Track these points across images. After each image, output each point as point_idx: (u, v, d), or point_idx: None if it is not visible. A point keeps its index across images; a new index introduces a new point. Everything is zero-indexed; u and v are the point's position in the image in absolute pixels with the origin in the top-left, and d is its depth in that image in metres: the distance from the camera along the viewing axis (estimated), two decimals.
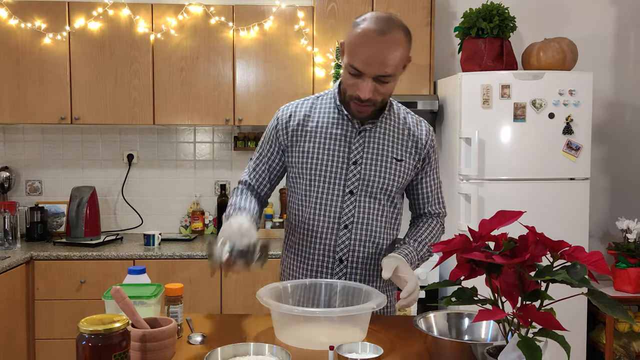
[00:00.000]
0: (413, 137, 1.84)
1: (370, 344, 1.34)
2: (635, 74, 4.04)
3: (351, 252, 1.81)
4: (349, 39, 1.66)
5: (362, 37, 1.62)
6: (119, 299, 1.37)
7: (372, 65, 1.62)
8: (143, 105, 3.61)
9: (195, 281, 3.39)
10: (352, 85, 1.68)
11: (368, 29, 1.62)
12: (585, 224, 3.30)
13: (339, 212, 1.79)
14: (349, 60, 1.65)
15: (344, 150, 1.78)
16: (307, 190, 1.82)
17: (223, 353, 1.32)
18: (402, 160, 1.81)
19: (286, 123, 1.84)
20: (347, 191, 1.79)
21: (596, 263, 1.12)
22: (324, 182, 1.79)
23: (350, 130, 1.79)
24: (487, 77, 3.24)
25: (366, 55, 1.61)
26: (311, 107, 1.85)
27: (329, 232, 1.81)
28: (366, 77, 1.64)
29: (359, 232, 1.80)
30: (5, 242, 3.46)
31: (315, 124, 1.81)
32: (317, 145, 1.79)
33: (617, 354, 3.48)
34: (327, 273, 1.82)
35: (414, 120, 1.88)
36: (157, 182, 4.02)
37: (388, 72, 1.63)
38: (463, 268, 1.23)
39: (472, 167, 3.22)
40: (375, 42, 1.61)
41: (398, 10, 3.58)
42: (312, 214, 1.81)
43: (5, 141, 3.95)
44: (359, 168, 1.78)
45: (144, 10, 3.59)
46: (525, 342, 1.09)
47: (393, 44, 1.62)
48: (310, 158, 1.79)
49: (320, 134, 1.80)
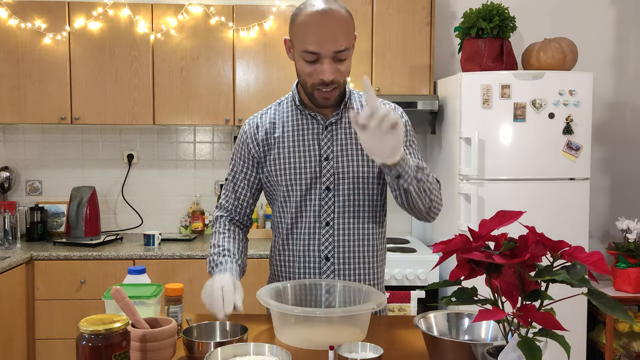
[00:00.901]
0: None
1: (370, 344, 1.34)
2: (635, 74, 4.04)
3: (336, 249, 1.80)
4: (295, 29, 1.69)
5: (307, 21, 1.65)
6: (119, 299, 1.37)
7: (326, 43, 1.63)
8: (143, 105, 3.61)
9: (195, 281, 3.39)
10: (312, 73, 1.68)
11: (311, 12, 1.65)
12: (585, 224, 3.30)
13: (318, 209, 1.79)
14: (302, 48, 1.66)
15: (314, 148, 1.79)
16: (285, 194, 1.82)
17: (223, 353, 1.32)
18: None
19: (254, 135, 1.85)
20: (324, 188, 1.78)
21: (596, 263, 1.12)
22: (300, 183, 1.79)
23: (317, 127, 1.80)
24: (487, 77, 3.24)
25: (318, 36, 1.63)
26: (274, 114, 1.86)
27: (311, 232, 1.80)
28: (324, 57, 1.65)
29: (340, 227, 1.80)
30: (5, 242, 3.46)
31: (281, 129, 1.82)
32: (287, 149, 1.80)
33: (617, 354, 3.48)
34: (315, 273, 1.82)
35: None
36: (157, 182, 4.02)
37: (343, 45, 1.64)
38: (463, 268, 1.23)
39: (472, 167, 3.22)
40: (323, 21, 1.63)
41: (398, 10, 3.59)
42: (293, 216, 1.81)
43: (5, 141, 3.95)
44: (331, 163, 1.78)
45: (144, 10, 3.59)
46: (525, 342, 1.09)
47: (339, 18, 1.64)
48: (283, 163, 1.80)
49: (288, 138, 1.80)
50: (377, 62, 3.62)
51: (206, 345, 1.38)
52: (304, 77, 1.72)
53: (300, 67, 1.71)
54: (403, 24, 3.61)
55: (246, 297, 3.60)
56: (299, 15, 1.68)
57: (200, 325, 1.51)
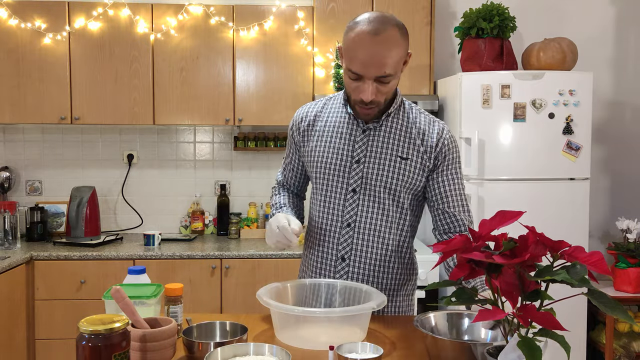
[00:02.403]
0: (423, 135, 1.79)
1: (370, 344, 1.34)
2: (635, 74, 4.04)
3: (353, 251, 1.81)
4: (345, 44, 1.66)
5: (356, 40, 1.61)
6: (119, 299, 1.37)
7: (370, 67, 1.61)
8: (143, 105, 3.61)
9: (195, 281, 3.39)
10: (355, 89, 1.69)
11: (361, 31, 1.61)
12: (585, 224, 3.30)
13: (341, 210, 1.81)
14: (348, 65, 1.65)
15: (348, 149, 1.80)
16: (315, 188, 1.88)
17: (223, 353, 1.32)
18: (407, 159, 1.77)
19: (299, 124, 1.90)
20: (350, 189, 1.80)
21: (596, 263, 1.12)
22: (328, 180, 1.82)
23: (355, 129, 1.81)
24: (487, 77, 3.25)
25: (363, 58, 1.61)
26: (322, 107, 1.90)
27: (332, 230, 1.83)
28: (366, 79, 1.64)
29: (361, 230, 1.80)
30: (5, 242, 3.46)
31: (323, 123, 1.86)
32: (323, 144, 1.83)
33: (617, 354, 3.48)
34: (330, 271, 1.84)
35: (426, 119, 1.83)
36: (157, 182, 4.02)
37: (387, 72, 1.63)
38: (463, 268, 1.23)
39: (472, 167, 3.22)
40: (371, 44, 1.60)
41: (398, 10, 3.58)
42: (318, 211, 1.86)
43: (5, 141, 3.95)
44: (361, 166, 1.79)
45: (144, 10, 3.59)
46: (525, 342, 1.09)
47: (388, 43, 1.61)
48: (317, 156, 1.83)
49: (327, 133, 1.83)
50: None
51: (206, 345, 1.38)
52: (348, 90, 1.74)
53: (346, 80, 1.72)
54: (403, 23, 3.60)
55: (246, 297, 3.60)
56: (353, 30, 1.64)
57: (200, 325, 1.51)
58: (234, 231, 3.84)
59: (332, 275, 1.83)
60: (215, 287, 3.41)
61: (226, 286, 3.41)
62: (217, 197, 3.98)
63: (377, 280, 1.83)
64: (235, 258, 3.40)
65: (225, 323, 1.53)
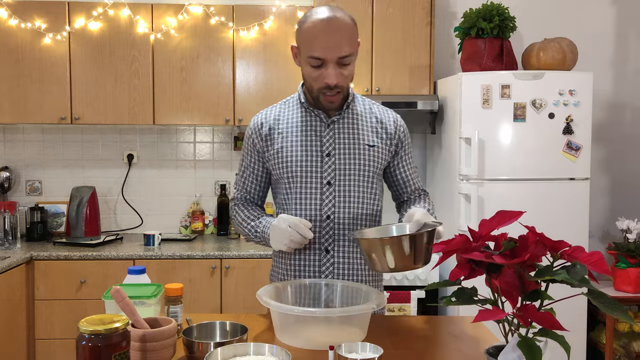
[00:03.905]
0: (382, 123, 1.92)
1: (370, 344, 1.34)
2: (635, 74, 4.04)
3: (335, 242, 1.86)
4: (302, 36, 1.77)
5: (313, 28, 1.73)
6: (119, 299, 1.37)
7: (331, 49, 1.71)
8: (143, 105, 3.61)
9: (195, 281, 3.39)
10: (318, 77, 1.76)
11: (316, 20, 1.73)
12: (585, 224, 3.30)
13: (319, 203, 1.85)
14: (308, 54, 1.74)
15: (316, 144, 1.86)
16: (287, 188, 1.88)
17: (223, 353, 1.32)
18: (374, 146, 1.89)
19: (259, 130, 1.93)
20: (325, 182, 1.85)
21: (596, 263, 1.12)
22: (301, 177, 1.85)
23: (320, 124, 1.88)
24: (487, 77, 3.25)
25: (323, 42, 1.71)
26: (279, 111, 1.95)
27: (312, 224, 1.85)
28: (329, 62, 1.73)
29: (341, 221, 1.85)
30: (5, 242, 3.46)
31: (285, 125, 1.90)
32: (290, 144, 1.87)
33: (617, 354, 3.48)
34: (315, 265, 1.86)
35: (380, 109, 1.97)
36: (157, 182, 4.02)
37: (347, 51, 1.73)
38: (463, 268, 1.23)
39: (472, 167, 3.22)
40: (328, 28, 1.71)
41: (398, 9, 3.59)
42: (295, 209, 1.87)
43: (5, 141, 3.95)
44: (333, 159, 1.85)
45: (144, 10, 3.59)
46: (525, 342, 1.09)
47: (343, 25, 1.73)
48: (286, 156, 1.86)
49: (292, 133, 1.88)
50: (377, 62, 3.62)
51: (206, 345, 1.38)
52: (310, 82, 1.80)
53: (307, 72, 1.79)
54: (403, 23, 3.61)
55: (246, 297, 3.61)
56: (305, 22, 1.76)
57: (200, 325, 1.51)
58: (234, 231, 3.84)
59: (319, 269, 1.86)
60: (215, 287, 3.41)
61: (226, 286, 3.41)
62: (217, 197, 3.98)
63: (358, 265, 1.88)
64: (235, 258, 3.40)
65: (225, 323, 1.54)
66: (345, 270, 1.86)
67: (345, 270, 1.86)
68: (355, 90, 3.58)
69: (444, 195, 3.58)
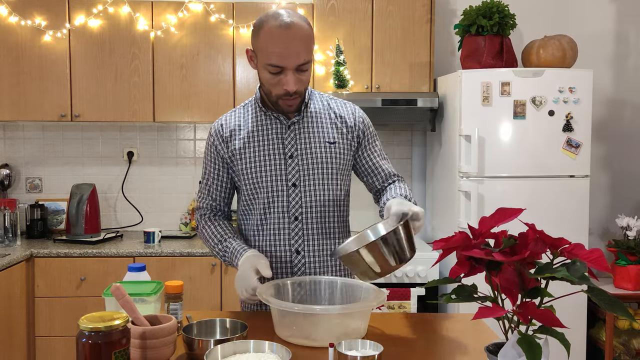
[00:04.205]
0: (341, 118, 1.91)
1: (370, 341, 1.34)
2: (635, 71, 4.04)
3: (305, 242, 1.86)
4: (259, 43, 1.73)
5: (270, 35, 1.69)
6: (119, 296, 1.37)
7: (289, 57, 1.69)
8: (143, 103, 3.61)
9: (195, 278, 3.39)
10: (276, 84, 1.74)
11: (272, 26, 1.69)
12: (585, 222, 3.30)
13: (286, 205, 1.84)
14: (266, 61, 1.71)
15: (278, 147, 1.85)
16: (252, 192, 1.87)
17: (223, 350, 1.32)
18: (335, 142, 1.88)
19: (221, 136, 1.90)
20: (290, 184, 1.84)
21: (596, 260, 1.12)
22: (266, 180, 1.84)
23: (280, 127, 1.86)
24: (487, 75, 3.24)
25: (281, 50, 1.68)
26: (239, 115, 1.93)
27: (280, 227, 1.85)
28: (287, 70, 1.71)
29: (309, 221, 1.85)
30: (6, 240, 3.46)
31: (246, 130, 1.88)
32: (252, 149, 1.85)
33: (617, 351, 3.48)
34: (287, 267, 1.86)
35: (337, 103, 1.95)
36: (157, 180, 4.02)
37: (305, 59, 1.71)
38: (463, 265, 1.23)
39: (472, 164, 3.22)
40: (286, 36, 1.68)
41: (398, 7, 3.58)
42: (262, 213, 1.86)
43: (5, 138, 3.95)
44: (296, 160, 1.84)
45: (144, 7, 3.58)
46: (525, 340, 1.09)
47: (301, 33, 1.70)
48: (249, 162, 1.85)
49: (253, 138, 1.86)
50: (377, 59, 3.61)
51: (206, 342, 1.38)
52: (269, 87, 1.78)
53: (265, 77, 1.76)
54: (403, 21, 3.61)
55: None
56: (263, 28, 1.72)
57: (200, 323, 1.51)
58: None
59: (291, 270, 1.85)
60: (216, 285, 3.41)
61: (226, 283, 3.41)
62: None
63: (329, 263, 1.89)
64: None
65: (225, 320, 1.54)
66: (317, 270, 1.86)
67: (317, 270, 1.86)
68: (355, 87, 3.59)
69: (443, 193, 3.58)
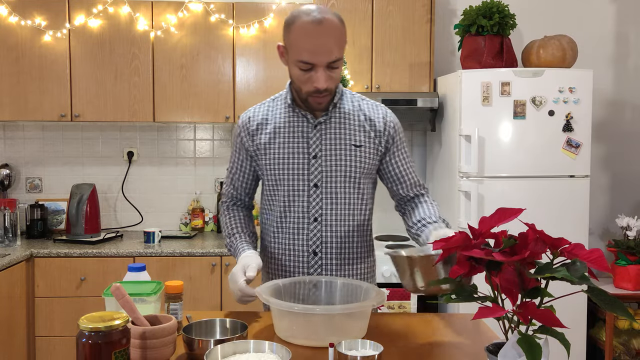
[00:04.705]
0: (370, 121, 1.87)
1: (370, 341, 1.34)
2: (635, 72, 4.04)
3: (323, 244, 1.85)
4: (290, 39, 1.72)
5: (302, 31, 1.68)
6: (119, 296, 1.37)
7: (320, 54, 1.67)
8: (143, 103, 3.61)
9: (195, 278, 3.39)
10: (307, 81, 1.73)
11: (304, 22, 1.68)
12: (585, 222, 3.30)
13: (306, 206, 1.84)
14: (297, 57, 1.70)
15: (303, 146, 1.83)
16: (274, 189, 1.88)
17: (223, 350, 1.32)
18: (361, 146, 1.84)
19: (247, 128, 1.91)
20: (312, 185, 1.83)
21: (596, 260, 1.12)
22: (288, 179, 1.84)
23: (306, 125, 1.85)
24: (487, 75, 3.24)
25: (312, 47, 1.66)
26: (268, 109, 1.93)
27: (299, 226, 1.85)
28: (318, 67, 1.69)
29: (328, 223, 1.84)
30: (6, 240, 3.46)
31: (273, 125, 1.88)
32: (277, 145, 1.85)
33: (617, 351, 3.48)
34: (303, 267, 1.86)
35: (369, 105, 1.91)
36: (157, 180, 4.02)
37: (337, 56, 1.69)
38: (463, 265, 1.23)
39: (472, 164, 3.22)
40: (317, 32, 1.66)
41: (398, 7, 3.58)
42: (282, 211, 1.86)
43: (5, 138, 3.95)
44: (319, 161, 1.82)
45: (144, 7, 3.58)
46: (525, 340, 1.09)
47: (333, 29, 1.68)
48: (273, 158, 1.85)
49: (279, 134, 1.86)
50: (377, 59, 3.61)
51: (206, 342, 1.38)
52: (299, 84, 1.76)
53: (295, 74, 1.75)
54: (403, 21, 3.61)
55: None
56: (294, 24, 1.71)
57: (200, 323, 1.51)
58: None
59: (306, 271, 1.86)
60: (216, 285, 3.41)
61: (226, 283, 3.41)
62: (217, 195, 3.98)
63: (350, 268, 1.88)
64: None
65: (225, 320, 1.54)
66: (333, 272, 1.85)
67: (333, 272, 1.85)
68: (355, 87, 3.58)
69: (443, 193, 3.58)
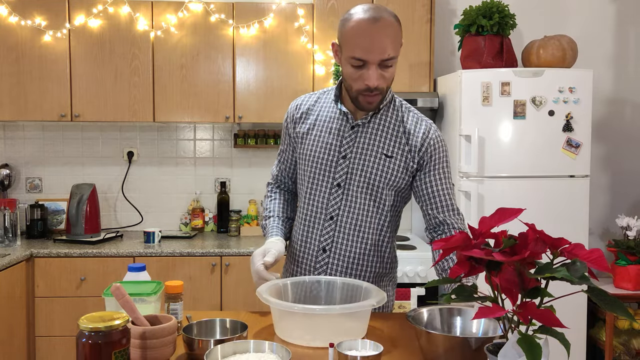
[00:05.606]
0: (408, 134, 1.82)
1: (370, 341, 1.34)
2: (635, 71, 4.04)
3: (334, 243, 1.85)
4: (344, 35, 1.70)
5: (357, 28, 1.66)
6: (119, 296, 1.37)
7: (374, 51, 1.65)
8: (143, 103, 3.61)
9: (195, 278, 3.39)
10: (358, 78, 1.70)
11: (360, 19, 1.66)
12: (585, 221, 3.30)
13: (326, 203, 1.85)
14: (350, 54, 1.68)
15: (336, 144, 1.83)
16: (301, 180, 1.91)
17: (223, 350, 1.32)
18: (392, 157, 1.81)
19: (293, 116, 1.94)
20: (335, 184, 1.83)
21: (596, 260, 1.12)
22: (315, 173, 1.85)
23: (344, 124, 1.84)
24: (487, 75, 3.24)
25: (366, 44, 1.64)
26: (316, 101, 1.93)
27: (316, 222, 1.87)
28: (370, 64, 1.67)
29: (343, 223, 1.84)
30: (6, 240, 3.46)
31: (315, 117, 1.89)
32: (313, 138, 1.86)
33: (617, 351, 3.48)
34: (312, 261, 1.88)
35: (414, 118, 1.86)
36: (157, 180, 4.02)
37: (390, 54, 1.67)
38: (463, 265, 1.23)
39: (472, 164, 3.22)
40: (372, 30, 1.64)
41: (398, 7, 3.58)
42: (304, 203, 1.90)
43: (5, 138, 3.95)
44: (347, 162, 1.82)
45: (144, 7, 3.58)
46: (525, 340, 1.09)
47: (388, 27, 1.66)
48: (306, 149, 1.87)
49: (318, 128, 1.87)
50: None
51: (206, 342, 1.38)
52: (350, 82, 1.74)
53: (347, 71, 1.73)
54: (403, 21, 3.59)
55: (246, 294, 3.60)
56: (349, 21, 1.68)
57: (200, 323, 1.51)
58: (234, 228, 3.85)
59: (313, 265, 1.87)
60: (216, 285, 3.41)
61: (226, 283, 3.41)
62: (217, 195, 3.98)
63: (355, 273, 1.87)
64: (235, 255, 3.40)
65: (225, 320, 1.54)
66: (339, 272, 1.86)
67: (339, 272, 1.86)
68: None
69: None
